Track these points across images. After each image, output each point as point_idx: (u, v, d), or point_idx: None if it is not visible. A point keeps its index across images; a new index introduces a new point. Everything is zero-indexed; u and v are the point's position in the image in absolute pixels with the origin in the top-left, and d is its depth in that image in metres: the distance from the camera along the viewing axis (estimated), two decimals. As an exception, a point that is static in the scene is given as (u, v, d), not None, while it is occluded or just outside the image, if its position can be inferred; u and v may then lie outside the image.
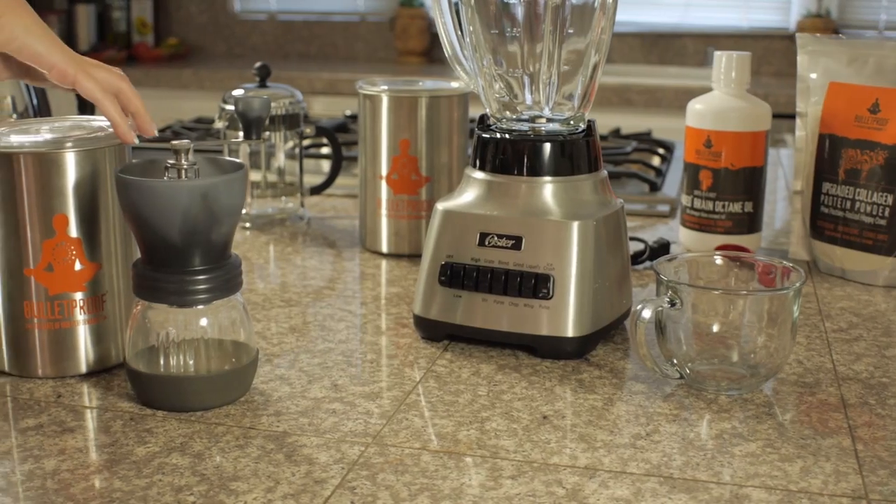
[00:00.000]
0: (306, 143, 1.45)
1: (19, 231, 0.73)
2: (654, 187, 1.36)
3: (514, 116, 0.85)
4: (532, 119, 0.84)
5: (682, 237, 1.12)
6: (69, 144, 0.73)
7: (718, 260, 0.80)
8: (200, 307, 0.69)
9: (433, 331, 0.83)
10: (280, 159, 1.20)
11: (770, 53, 3.25)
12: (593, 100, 0.85)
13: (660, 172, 1.45)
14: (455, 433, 0.67)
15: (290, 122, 1.19)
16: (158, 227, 0.66)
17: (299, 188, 1.22)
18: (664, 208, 1.30)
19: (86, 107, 1.23)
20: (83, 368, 0.76)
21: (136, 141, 0.74)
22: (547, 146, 0.82)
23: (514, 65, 0.83)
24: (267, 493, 0.59)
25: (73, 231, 0.74)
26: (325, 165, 1.52)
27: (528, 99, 0.85)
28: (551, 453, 0.65)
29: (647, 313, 0.72)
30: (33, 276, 0.74)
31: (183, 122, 1.82)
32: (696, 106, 1.09)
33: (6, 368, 0.76)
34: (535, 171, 0.82)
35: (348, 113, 1.88)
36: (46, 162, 0.73)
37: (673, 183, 1.42)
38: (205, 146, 0.70)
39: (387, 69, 3.23)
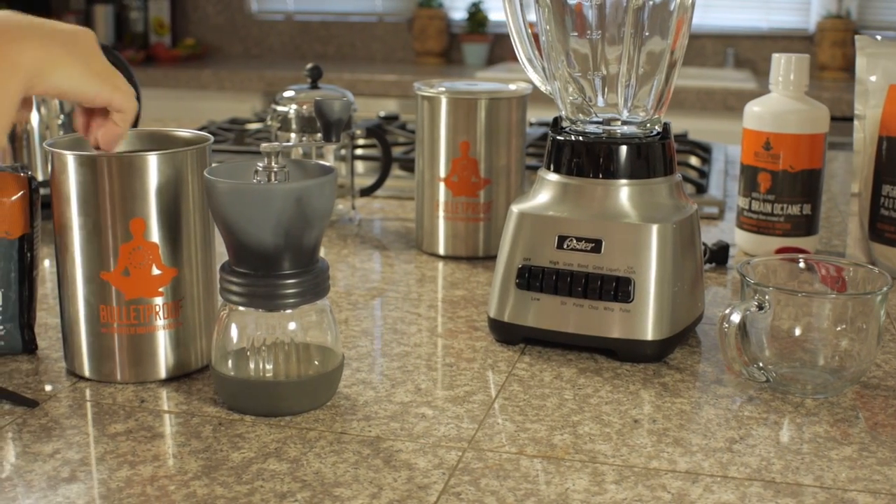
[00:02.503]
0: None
1: (99, 235, 0.73)
2: (701, 189, 1.35)
3: (588, 119, 0.85)
4: (607, 121, 0.84)
5: (739, 239, 1.12)
6: (151, 148, 0.73)
7: (802, 264, 0.80)
8: (289, 311, 0.69)
9: (509, 334, 0.82)
10: (330, 161, 1.20)
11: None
12: (669, 102, 0.84)
13: (703, 174, 1.44)
14: (549, 437, 0.66)
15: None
16: (250, 230, 0.66)
17: (350, 190, 1.21)
18: (712, 210, 1.29)
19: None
20: (162, 374, 0.76)
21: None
22: (623, 149, 0.81)
23: (589, 67, 0.83)
24: (372, 499, 0.59)
25: (152, 235, 0.73)
26: (360, 166, 1.51)
27: (601, 101, 0.85)
28: (649, 458, 0.64)
29: (735, 317, 0.72)
30: (110, 280, 0.74)
31: (216, 122, 1.82)
32: (754, 108, 1.08)
33: (85, 373, 0.76)
34: (612, 173, 0.81)
35: (382, 114, 1.87)
36: (127, 165, 0.72)
37: (716, 185, 1.41)
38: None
39: (405, 70, 3.22)
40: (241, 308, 0.69)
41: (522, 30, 0.87)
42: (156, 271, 0.74)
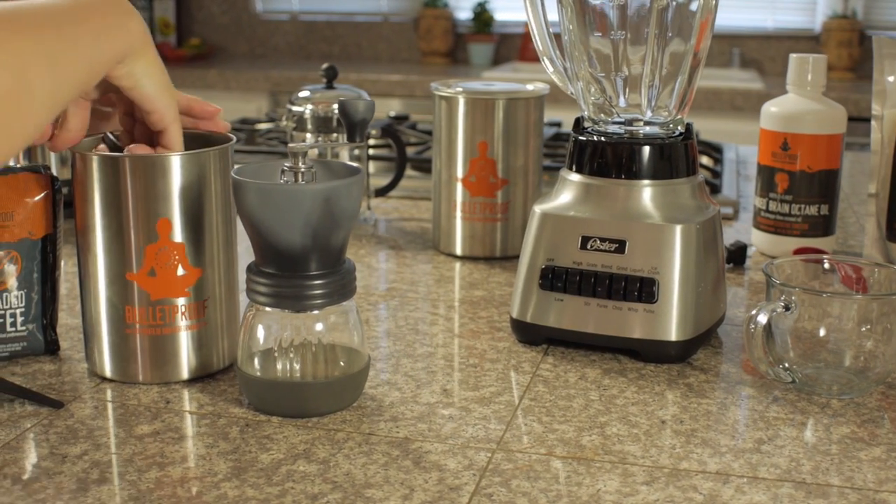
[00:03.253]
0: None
1: (123, 235, 0.73)
2: (715, 189, 1.35)
3: (611, 119, 0.85)
4: (629, 122, 0.84)
5: (756, 240, 1.11)
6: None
7: (827, 265, 0.80)
8: (315, 312, 0.69)
9: (532, 334, 0.82)
10: (345, 160, 1.20)
11: (795, 54, 3.24)
12: (691, 103, 0.84)
13: (717, 174, 1.44)
14: (578, 438, 0.66)
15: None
16: (279, 231, 0.66)
17: (365, 190, 1.21)
18: (727, 210, 1.29)
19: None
20: (185, 375, 0.75)
21: None
22: (646, 149, 0.81)
23: (612, 68, 0.83)
24: (404, 500, 0.58)
25: (177, 236, 0.73)
26: (370, 167, 1.51)
27: (623, 101, 0.84)
28: (679, 458, 0.64)
29: (762, 317, 0.72)
30: (136, 280, 0.73)
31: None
32: (771, 108, 1.08)
33: (108, 374, 0.76)
34: (635, 174, 0.81)
35: (393, 114, 1.87)
36: (151, 166, 0.72)
37: (729, 185, 1.41)
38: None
39: (411, 70, 3.22)
40: (267, 309, 0.69)
41: (544, 29, 0.87)
42: (181, 271, 0.74)
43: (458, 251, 1.08)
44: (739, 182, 1.47)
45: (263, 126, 1.76)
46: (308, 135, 1.17)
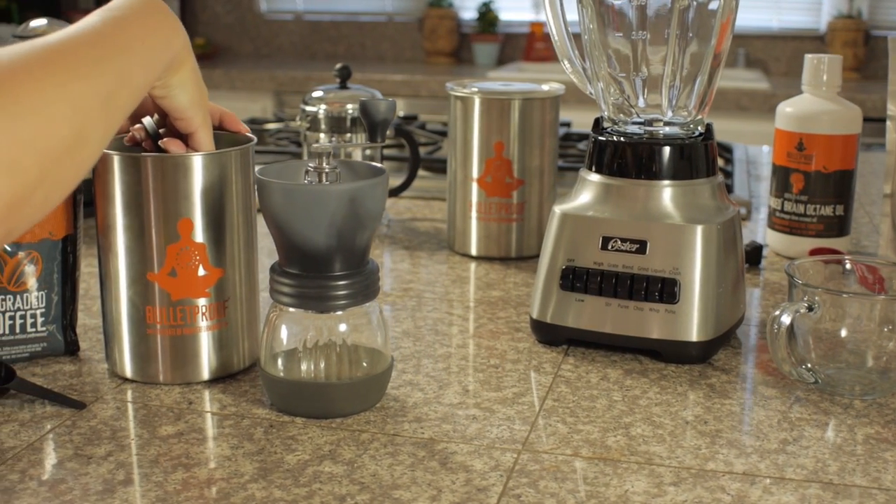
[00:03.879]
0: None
1: (144, 235, 0.73)
2: (727, 189, 1.35)
3: (630, 119, 0.84)
4: (649, 122, 0.84)
5: (771, 240, 1.11)
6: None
7: (848, 265, 0.80)
8: (339, 312, 0.69)
9: (552, 334, 0.82)
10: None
11: (800, 54, 3.24)
12: (711, 103, 0.84)
13: (728, 174, 1.44)
14: (603, 439, 0.66)
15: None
16: (303, 231, 0.66)
17: (379, 190, 1.21)
18: (740, 210, 1.29)
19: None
20: (205, 375, 0.75)
21: None
22: (666, 149, 0.81)
23: (632, 68, 0.83)
24: (432, 501, 0.58)
25: (198, 236, 0.73)
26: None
27: (642, 102, 0.84)
28: (705, 459, 0.64)
29: (786, 318, 0.72)
30: (157, 281, 0.73)
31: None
32: (786, 109, 1.08)
33: (128, 375, 0.76)
34: (655, 174, 0.81)
35: (402, 114, 1.87)
36: (173, 166, 0.72)
37: (741, 185, 1.41)
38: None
39: (416, 70, 3.22)
40: (291, 309, 0.69)
41: (563, 29, 0.87)
42: (202, 272, 0.73)
43: (474, 251, 1.08)
44: (750, 182, 1.47)
45: (272, 126, 1.76)
46: (322, 135, 1.17)
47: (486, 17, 3.39)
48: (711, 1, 0.81)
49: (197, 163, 0.72)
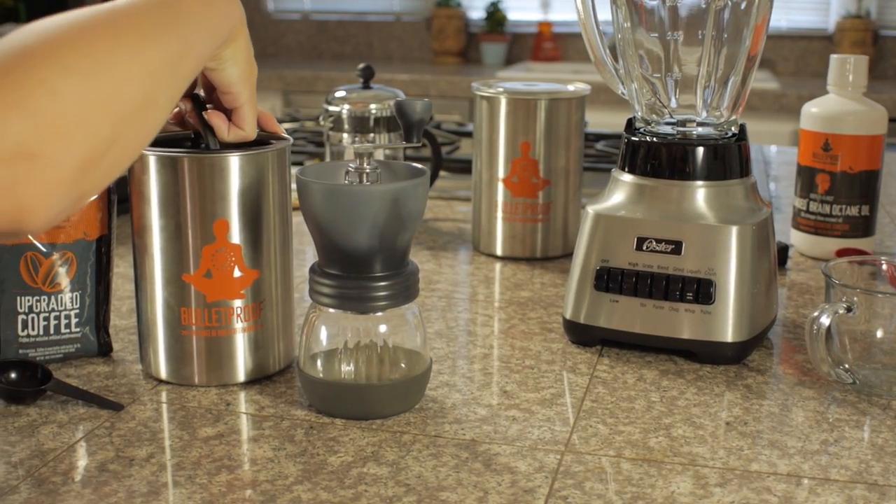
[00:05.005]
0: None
1: (180, 236, 0.72)
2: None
3: (663, 120, 0.84)
4: (682, 122, 0.84)
5: (796, 240, 1.11)
6: (232, 148, 0.72)
7: (885, 266, 0.80)
8: (379, 314, 0.68)
9: (586, 335, 0.82)
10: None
11: (809, 54, 3.25)
12: (745, 104, 0.84)
13: (747, 174, 1.44)
14: (644, 440, 0.66)
15: (393, 124, 1.18)
16: (346, 231, 0.66)
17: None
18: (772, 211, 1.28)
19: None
20: (241, 377, 0.75)
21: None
22: (700, 150, 0.81)
23: (665, 68, 0.83)
24: (479, 503, 0.58)
25: (234, 237, 0.73)
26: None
27: (674, 102, 0.84)
28: (748, 460, 0.64)
29: (825, 319, 0.72)
30: (192, 282, 0.73)
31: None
32: (812, 109, 1.08)
33: (163, 376, 0.75)
34: (689, 174, 0.81)
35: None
36: (209, 166, 0.72)
37: (760, 185, 1.41)
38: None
39: (424, 70, 3.22)
40: (330, 310, 0.69)
41: (594, 29, 0.87)
42: (238, 273, 0.73)
43: (499, 251, 1.08)
44: (768, 182, 1.47)
45: (287, 126, 1.76)
46: (345, 135, 1.17)
47: (494, 17, 3.38)
48: (746, 2, 0.80)
49: (234, 163, 0.72)
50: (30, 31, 0.49)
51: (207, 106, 0.72)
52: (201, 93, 0.73)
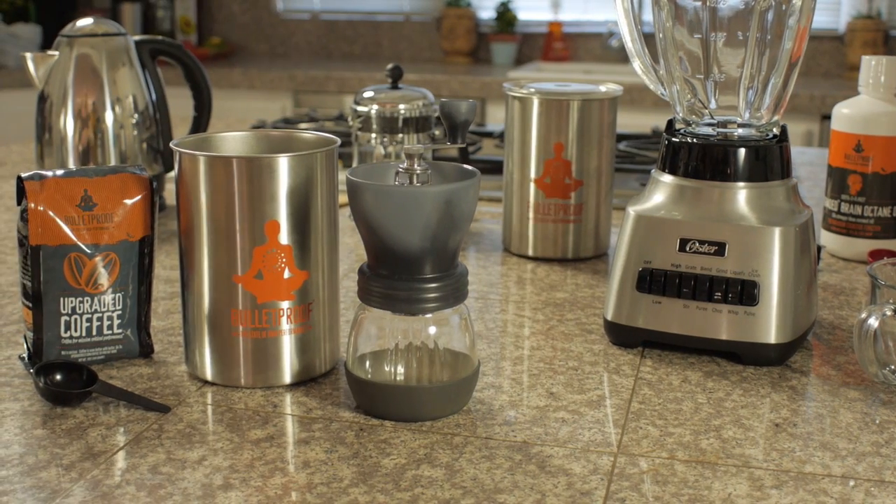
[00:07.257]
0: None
1: (230, 237, 0.72)
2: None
3: (704, 121, 0.84)
4: (723, 124, 0.84)
5: (827, 241, 1.11)
6: (283, 149, 0.72)
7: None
8: (429, 315, 0.68)
9: (628, 336, 0.82)
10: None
11: (819, 54, 3.24)
12: (786, 105, 0.84)
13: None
14: (696, 442, 0.66)
15: (422, 124, 1.18)
16: (397, 233, 0.66)
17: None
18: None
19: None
20: (287, 379, 0.75)
21: None
22: (742, 151, 0.81)
23: (705, 69, 0.83)
24: (538, 505, 0.58)
25: (284, 238, 0.73)
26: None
27: (713, 103, 0.84)
28: (802, 462, 0.64)
29: (873, 321, 0.71)
30: (241, 283, 0.73)
31: (266, 122, 1.81)
32: (843, 110, 1.08)
33: (208, 377, 0.75)
34: (731, 176, 0.81)
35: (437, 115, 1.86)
36: (259, 167, 0.72)
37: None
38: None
39: (434, 69, 3.22)
40: (379, 311, 0.68)
41: (635, 29, 0.87)
42: (288, 274, 0.73)
43: (531, 252, 1.08)
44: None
45: (305, 126, 1.76)
46: (373, 135, 1.17)
47: (504, 17, 3.38)
48: (790, 3, 0.80)
49: (283, 164, 0.72)
50: None
51: None
52: None
